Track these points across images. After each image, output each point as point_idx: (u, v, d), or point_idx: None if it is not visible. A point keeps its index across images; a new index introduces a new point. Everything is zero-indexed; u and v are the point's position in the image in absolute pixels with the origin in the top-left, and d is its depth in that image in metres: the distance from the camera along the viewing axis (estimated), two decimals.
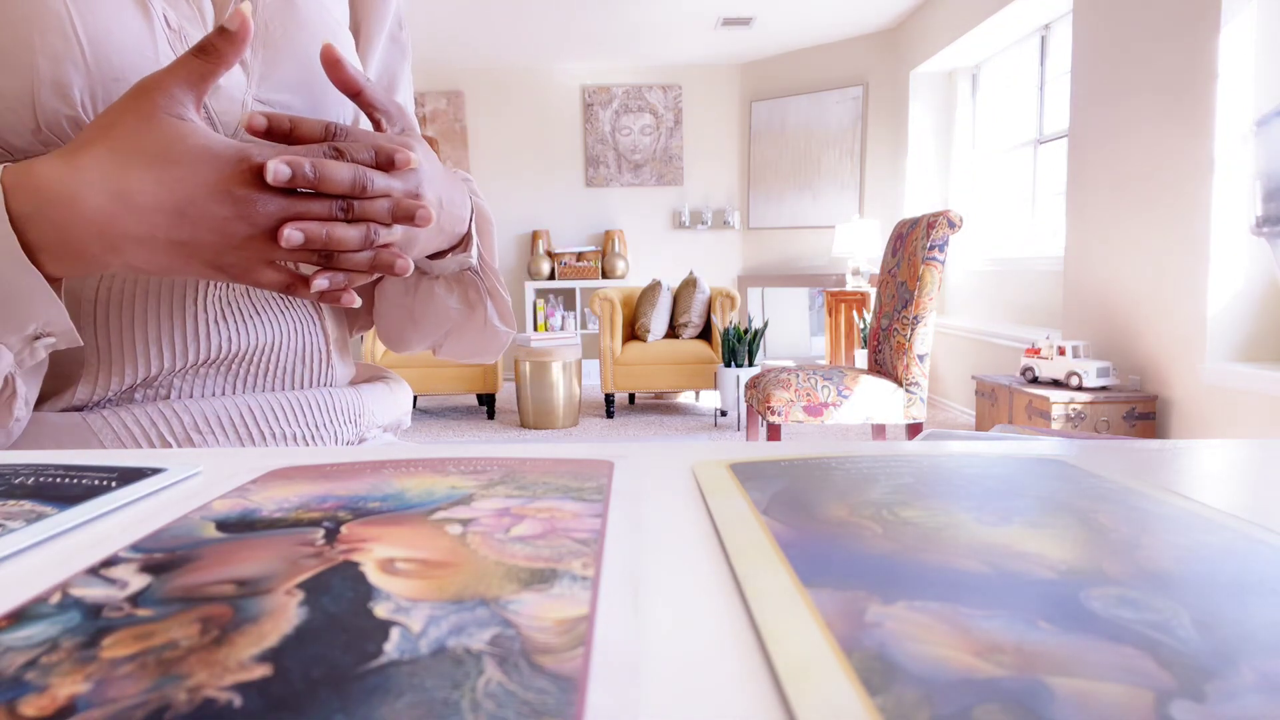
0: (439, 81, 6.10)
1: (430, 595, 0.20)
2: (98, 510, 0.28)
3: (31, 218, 0.42)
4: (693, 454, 0.36)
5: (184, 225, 0.43)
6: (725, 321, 4.66)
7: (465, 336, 0.68)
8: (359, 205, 0.45)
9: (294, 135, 0.46)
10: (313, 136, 0.46)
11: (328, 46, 0.48)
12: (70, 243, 0.42)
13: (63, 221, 0.42)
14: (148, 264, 0.44)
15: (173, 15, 0.52)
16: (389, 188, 0.47)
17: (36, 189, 0.42)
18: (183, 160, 0.42)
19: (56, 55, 0.47)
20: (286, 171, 0.42)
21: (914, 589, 0.20)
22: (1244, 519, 0.26)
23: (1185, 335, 2.72)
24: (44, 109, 0.48)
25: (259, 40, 0.56)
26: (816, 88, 5.76)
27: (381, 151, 0.47)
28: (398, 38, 0.71)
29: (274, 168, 0.42)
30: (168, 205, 0.42)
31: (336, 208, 0.45)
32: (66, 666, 0.17)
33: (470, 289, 0.64)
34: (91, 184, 0.42)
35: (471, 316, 0.66)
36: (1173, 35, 2.75)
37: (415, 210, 0.47)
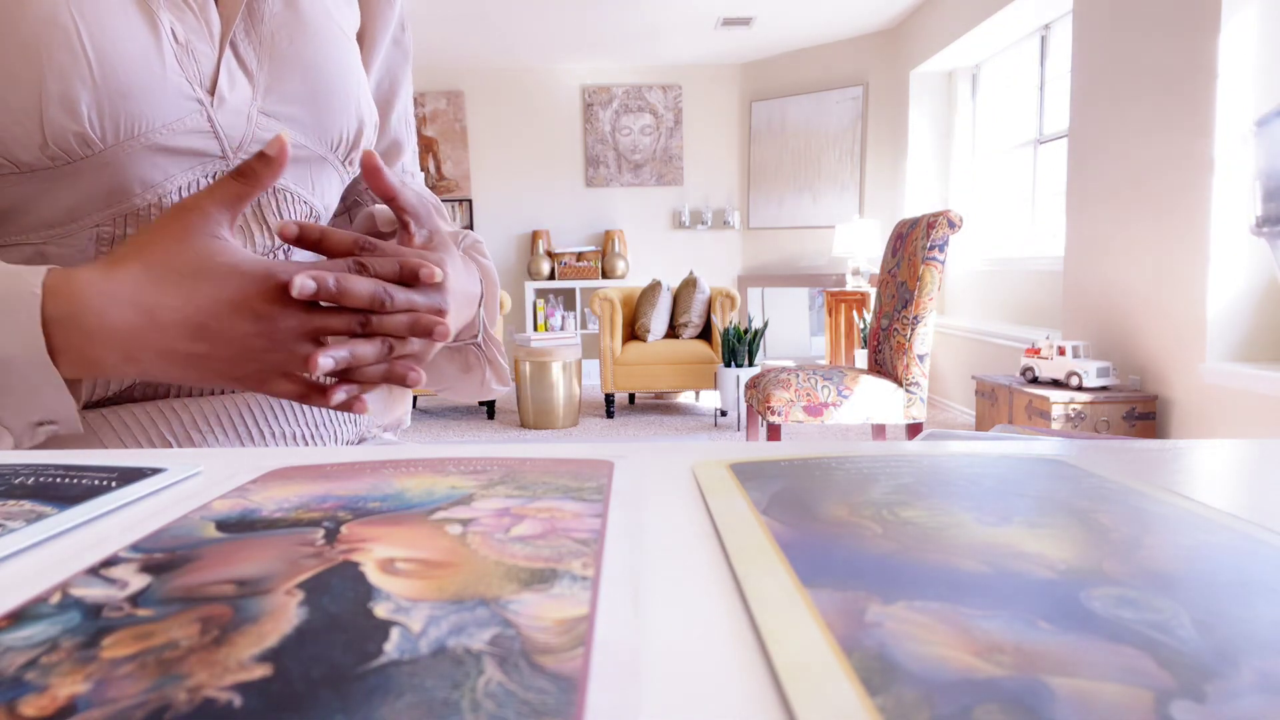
0: (439, 81, 6.10)
1: (430, 595, 0.20)
2: (98, 510, 0.28)
3: (60, 322, 0.43)
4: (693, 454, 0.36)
5: (203, 339, 0.44)
6: (725, 321, 4.66)
7: (460, 392, 0.70)
8: (377, 320, 0.47)
9: (323, 245, 0.48)
10: (342, 248, 0.48)
11: (369, 154, 0.49)
12: (91, 350, 0.44)
13: (90, 330, 0.43)
14: (163, 375, 0.46)
15: (180, 29, 0.52)
16: (410, 302, 0.48)
17: (72, 295, 0.43)
18: (211, 277, 0.44)
19: (64, 71, 0.47)
20: (311, 286, 0.43)
21: (914, 589, 0.20)
22: (1244, 519, 0.26)
23: (1185, 335, 2.72)
24: (51, 124, 0.48)
25: (265, 52, 0.56)
26: (816, 88, 5.76)
27: (406, 266, 0.48)
28: (400, 40, 0.71)
29: (300, 282, 0.43)
30: (191, 320, 0.44)
31: (355, 323, 0.46)
32: (66, 666, 0.17)
33: (470, 356, 0.66)
34: (121, 299, 0.43)
35: (468, 379, 0.67)
36: (1173, 35, 2.75)
37: (434, 327, 0.48)
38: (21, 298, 0.43)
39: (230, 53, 0.55)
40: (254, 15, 0.56)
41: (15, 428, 0.45)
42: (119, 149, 0.50)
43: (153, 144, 0.51)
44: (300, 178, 0.60)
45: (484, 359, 0.66)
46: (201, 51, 0.53)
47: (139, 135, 0.51)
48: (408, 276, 0.48)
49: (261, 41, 0.56)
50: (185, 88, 0.52)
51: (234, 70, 0.55)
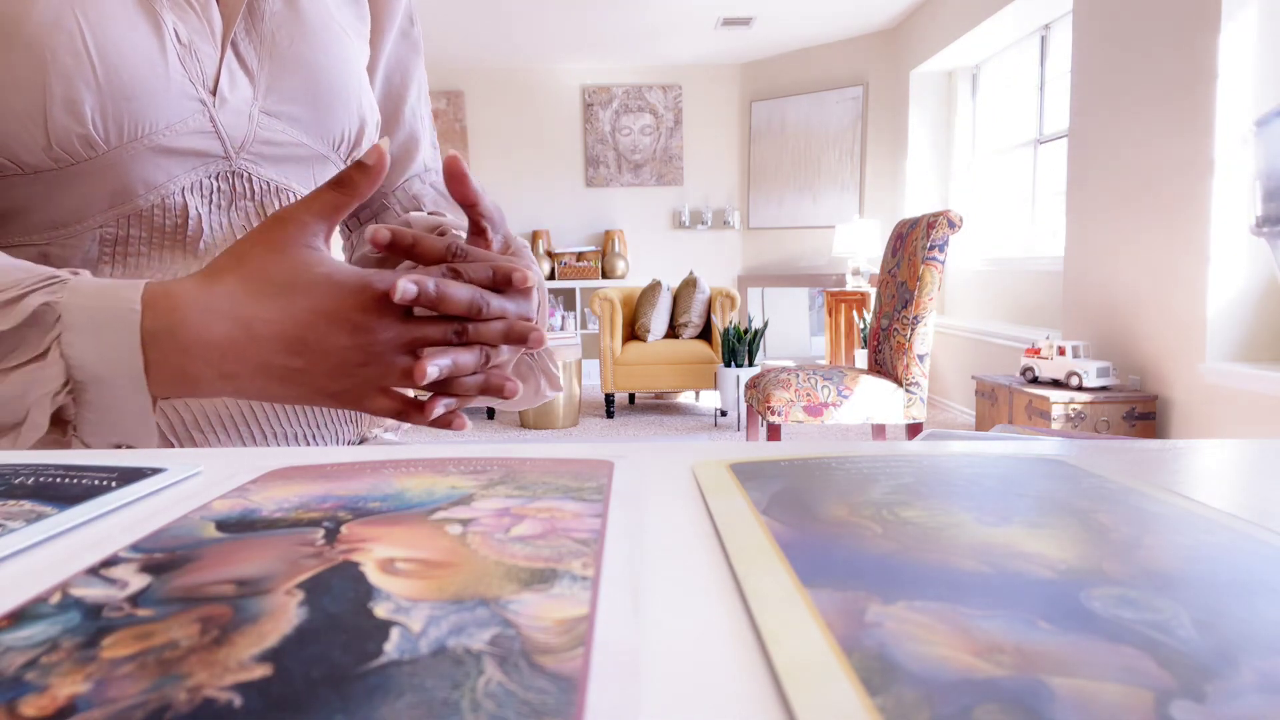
0: (439, 81, 6.10)
1: (430, 595, 0.20)
2: (98, 510, 0.28)
3: (160, 336, 0.42)
4: (693, 454, 0.36)
5: (301, 354, 0.43)
6: (725, 321, 4.66)
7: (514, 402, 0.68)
8: (474, 329, 0.45)
9: (415, 252, 0.46)
10: (434, 255, 0.46)
11: (454, 158, 0.48)
12: (188, 366, 0.43)
13: (187, 344, 0.42)
14: (259, 391, 0.44)
15: (183, 30, 0.52)
16: (503, 309, 0.46)
17: (172, 308, 0.42)
18: (308, 290, 0.43)
19: (68, 73, 0.48)
20: (413, 290, 0.42)
21: (914, 589, 0.20)
22: (1244, 519, 0.26)
23: (1185, 335, 2.72)
24: (55, 126, 0.48)
25: (266, 52, 0.56)
26: (816, 88, 5.76)
27: (499, 271, 0.46)
28: (409, 33, 0.71)
29: (402, 286, 0.41)
30: (289, 334, 0.43)
31: (451, 332, 0.45)
32: (66, 666, 0.17)
33: (523, 366, 0.64)
34: (219, 311, 0.43)
35: (524, 389, 0.65)
36: (1173, 35, 2.75)
37: (528, 333, 0.46)
38: (120, 314, 0.42)
39: (231, 52, 0.55)
40: (254, 15, 0.56)
41: (93, 444, 0.44)
42: (122, 150, 0.50)
43: (156, 145, 0.51)
44: (302, 177, 0.60)
45: (537, 368, 0.64)
46: (204, 52, 0.53)
47: (142, 136, 0.51)
48: (500, 282, 0.46)
49: (262, 41, 0.56)
50: (188, 88, 0.52)
51: (235, 70, 0.55)
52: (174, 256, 0.54)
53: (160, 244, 0.54)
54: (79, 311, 0.42)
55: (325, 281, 0.43)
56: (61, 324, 0.41)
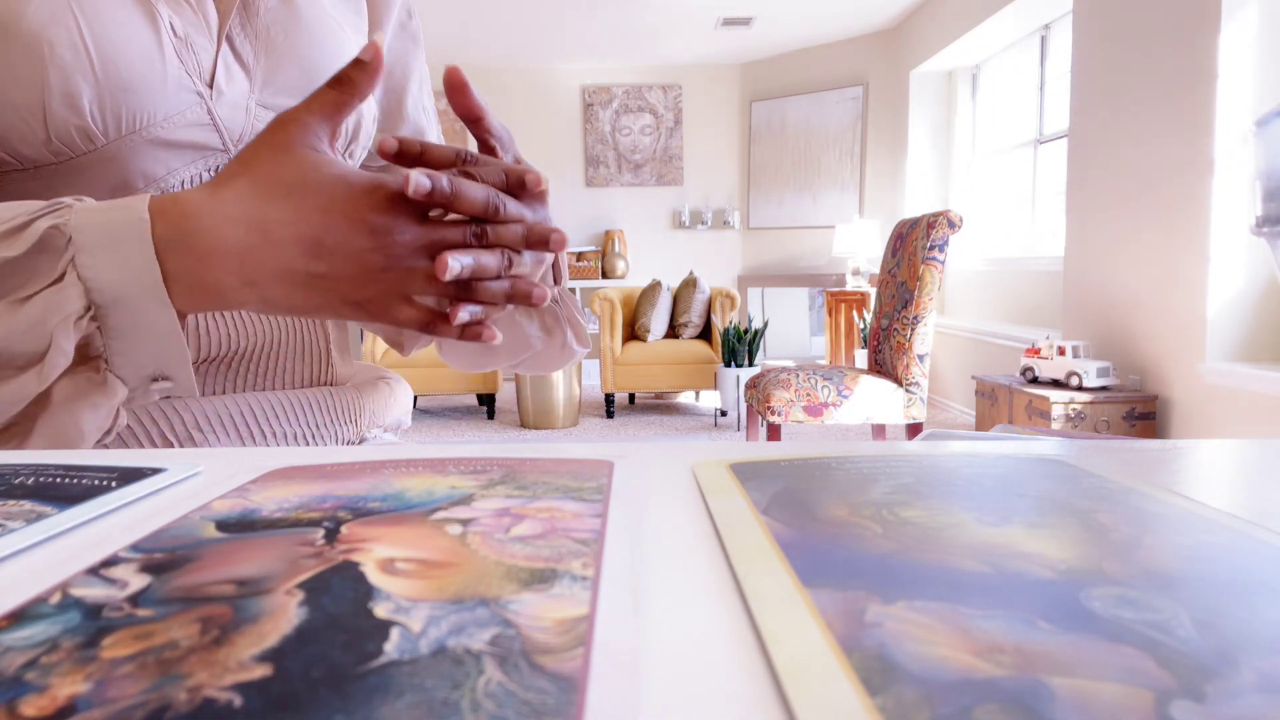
0: (439, 81, 6.09)
1: (430, 595, 0.20)
2: (98, 510, 0.28)
3: (173, 244, 0.41)
4: (693, 454, 0.36)
5: (321, 257, 0.42)
6: (725, 321, 4.66)
7: (540, 359, 0.67)
8: (493, 231, 0.44)
9: (424, 159, 0.45)
10: (443, 161, 0.45)
11: (453, 69, 0.47)
12: (208, 274, 0.42)
13: (204, 251, 0.41)
14: (284, 299, 0.43)
15: (178, 23, 0.53)
16: (520, 213, 0.45)
17: (183, 215, 0.42)
18: (319, 191, 0.42)
19: (66, 67, 0.48)
20: (427, 184, 0.41)
21: (914, 589, 0.20)
22: (1244, 519, 0.26)
23: (1185, 335, 2.72)
24: (54, 119, 0.48)
25: (261, 45, 0.56)
26: (816, 88, 5.76)
27: (512, 174, 0.45)
28: (407, 26, 0.71)
29: (415, 179, 0.40)
30: (306, 236, 0.42)
31: (470, 234, 0.44)
32: (66, 666, 0.17)
33: (549, 316, 0.63)
34: (232, 216, 0.42)
35: (550, 342, 0.64)
36: (1173, 35, 2.75)
37: (549, 235, 0.45)
38: (129, 224, 0.41)
39: (227, 46, 0.55)
40: (249, 9, 0.56)
41: (129, 378, 0.43)
42: (121, 143, 0.50)
43: (154, 137, 0.51)
44: None
45: (563, 318, 0.63)
46: (200, 45, 0.54)
47: (140, 129, 0.51)
48: (514, 185, 0.45)
49: (257, 35, 0.56)
50: (185, 81, 0.52)
51: (230, 64, 0.55)
52: None
53: None
54: (89, 230, 0.41)
55: (337, 181, 0.42)
56: (74, 245, 0.41)
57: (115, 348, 0.42)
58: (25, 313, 0.41)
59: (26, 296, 0.41)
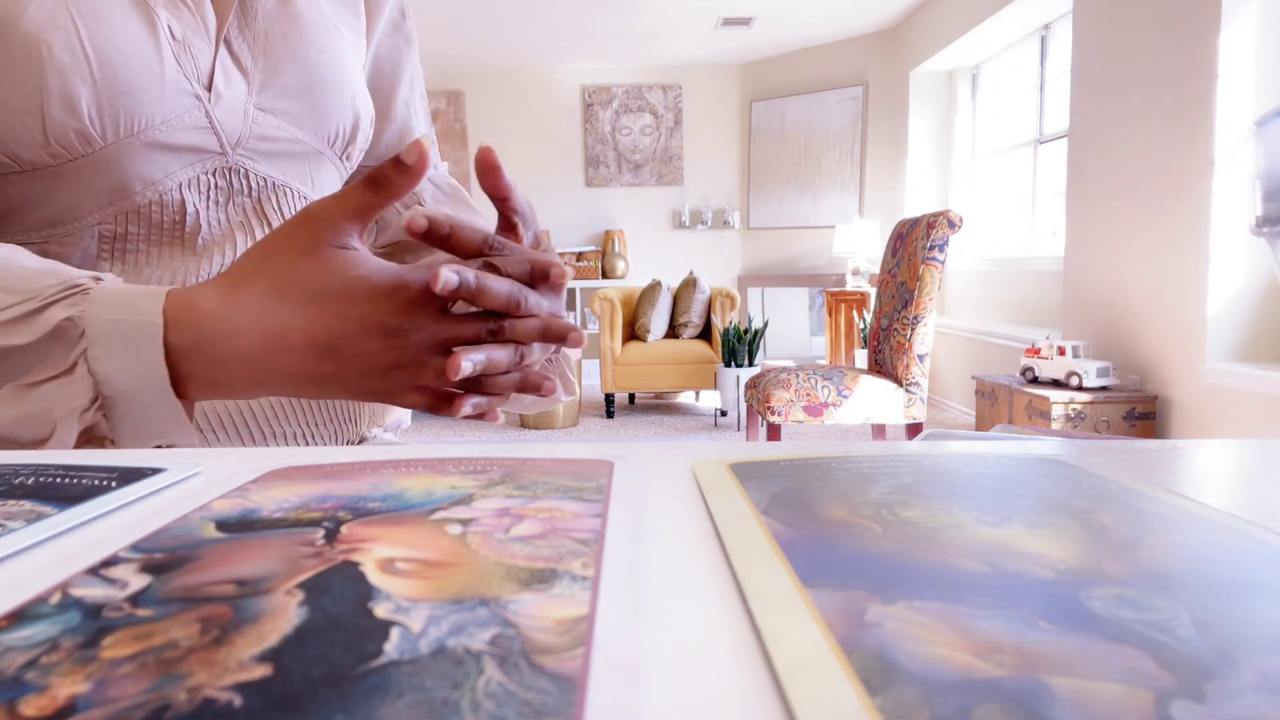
0: (439, 81, 6.10)
1: (430, 595, 0.20)
2: (98, 510, 0.28)
3: (186, 351, 0.42)
4: (693, 454, 0.36)
5: (332, 361, 0.42)
6: (725, 321, 4.66)
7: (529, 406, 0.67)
8: (510, 326, 0.44)
9: (451, 242, 0.44)
10: (471, 246, 0.44)
11: (487, 150, 0.46)
12: (220, 377, 0.43)
13: (217, 358, 0.42)
14: (293, 392, 0.44)
15: (177, 26, 0.53)
16: (538, 306, 0.45)
17: (197, 323, 0.42)
18: (340, 297, 0.42)
19: (64, 69, 0.48)
20: (455, 280, 0.40)
21: (914, 589, 0.20)
22: (1244, 519, 0.26)
23: (1185, 335, 2.72)
24: (52, 122, 0.48)
25: (259, 48, 0.56)
26: (816, 88, 5.76)
27: (537, 266, 0.45)
28: (400, 26, 0.71)
29: (445, 277, 0.40)
30: (321, 343, 0.42)
31: (485, 330, 0.43)
32: (66, 666, 0.17)
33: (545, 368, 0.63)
34: (248, 325, 0.42)
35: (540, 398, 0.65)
36: (1173, 35, 2.75)
37: (567, 333, 0.45)
38: (142, 328, 0.41)
39: (224, 49, 0.55)
40: (247, 12, 0.56)
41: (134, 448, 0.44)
42: (119, 146, 0.50)
43: (152, 140, 0.51)
44: (299, 173, 0.60)
45: (555, 372, 0.63)
46: (199, 48, 0.54)
47: (139, 132, 0.51)
48: (537, 277, 0.45)
49: (255, 38, 0.56)
50: (184, 84, 0.52)
51: (229, 67, 0.55)
52: (173, 253, 0.54)
53: (159, 240, 0.54)
54: (104, 325, 0.41)
55: (359, 286, 0.42)
56: (86, 339, 0.41)
57: (121, 430, 0.43)
58: (32, 400, 0.41)
59: (34, 383, 0.41)
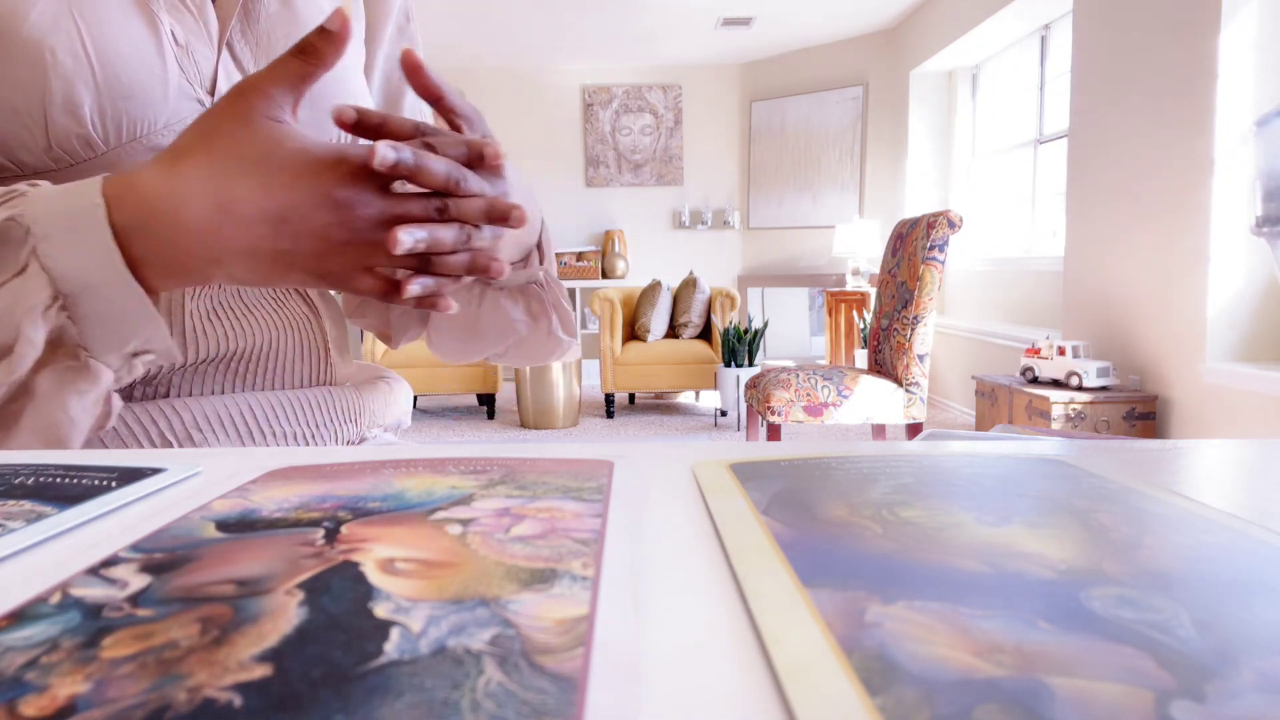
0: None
1: (430, 595, 0.20)
2: (98, 510, 0.28)
3: (135, 230, 0.41)
4: (693, 454, 0.36)
5: (286, 234, 0.42)
6: (725, 321, 4.66)
7: (527, 347, 0.66)
8: (454, 204, 0.44)
9: (384, 130, 0.45)
10: (402, 133, 0.45)
11: (409, 51, 0.46)
12: (174, 255, 0.42)
13: (168, 234, 0.41)
14: (250, 275, 0.44)
15: (179, 31, 0.53)
16: (480, 188, 0.45)
17: (141, 200, 0.41)
18: (283, 166, 0.42)
19: (67, 74, 0.48)
20: (392, 155, 0.40)
21: (914, 589, 0.20)
22: (1244, 519, 0.26)
23: (1185, 335, 2.72)
24: (55, 127, 0.48)
25: (262, 52, 0.56)
26: (816, 88, 5.76)
27: (472, 147, 0.45)
28: (405, 29, 0.71)
29: (381, 151, 0.40)
30: (271, 214, 0.41)
31: (433, 208, 0.44)
32: (66, 666, 0.17)
33: (535, 301, 0.63)
34: (194, 194, 0.41)
35: (535, 328, 0.64)
36: (1173, 35, 2.75)
37: (509, 211, 0.45)
38: (85, 212, 0.40)
39: (227, 53, 0.55)
40: (250, 16, 0.56)
41: (110, 360, 0.43)
42: (121, 150, 0.50)
43: (155, 145, 0.51)
44: None
45: (549, 303, 0.63)
46: (201, 53, 0.54)
47: (141, 136, 0.51)
48: (473, 159, 0.45)
49: (258, 42, 0.56)
50: (186, 89, 0.52)
51: (232, 71, 0.55)
52: None
53: None
54: (47, 219, 0.40)
55: (301, 157, 0.42)
56: (33, 236, 0.40)
57: (90, 333, 0.42)
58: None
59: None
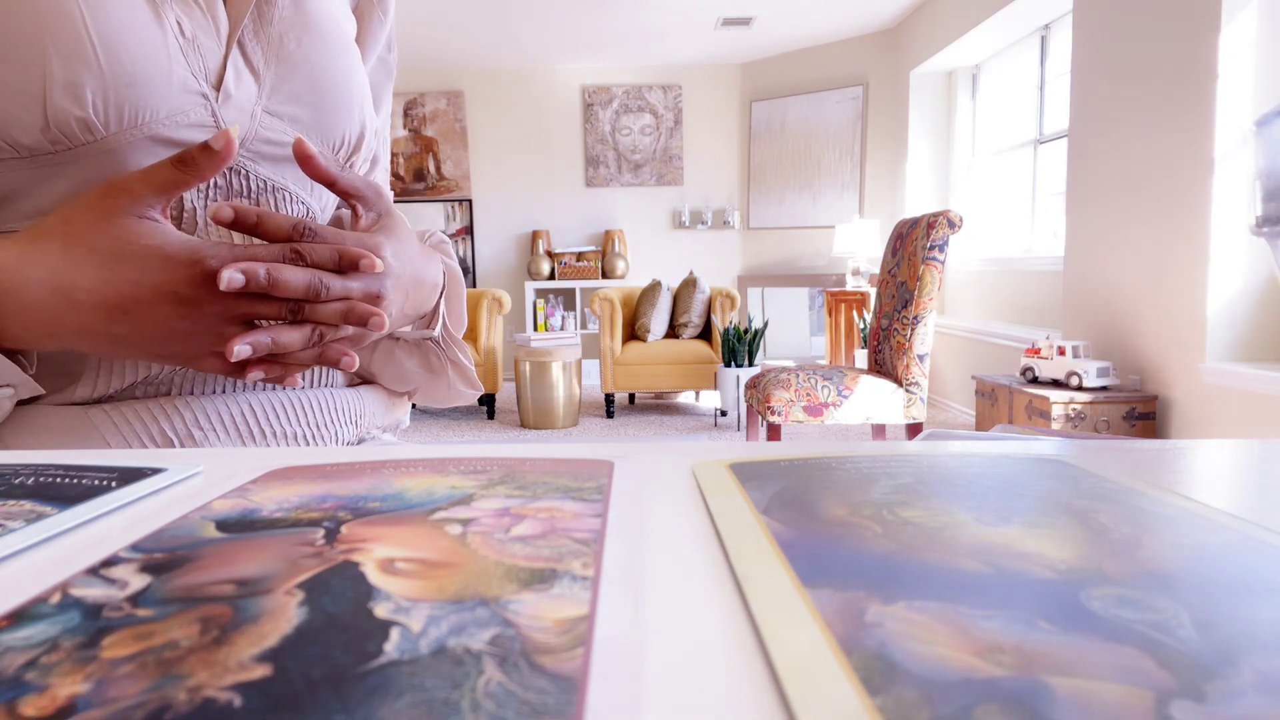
0: (439, 81, 6.10)
1: (430, 595, 0.20)
2: (98, 510, 0.28)
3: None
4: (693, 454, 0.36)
5: (124, 322, 0.44)
6: (725, 321, 4.66)
7: (429, 394, 0.69)
8: (310, 309, 0.46)
9: (260, 229, 0.46)
10: (279, 233, 0.47)
11: (299, 141, 0.48)
12: (11, 329, 0.44)
13: (8, 309, 0.44)
14: (89, 349, 0.46)
15: (186, 24, 0.53)
16: (345, 290, 0.47)
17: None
18: (133, 260, 0.43)
19: (69, 56, 0.48)
20: (240, 279, 0.42)
21: (914, 589, 0.20)
22: (1244, 519, 0.26)
23: (1185, 335, 2.72)
24: (54, 108, 0.48)
25: (273, 52, 0.57)
26: (816, 88, 5.76)
27: (346, 256, 0.47)
28: (385, 60, 0.73)
29: (228, 276, 0.42)
30: (110, 303, 0.43)
31: (286, 310, 0.45)
32: (66, 666, 0.17)
33: (432, 356, 0.65)
34: (37, 279, 0.43)
35: (434, 381, 0.67)
36: (1173, 35, 2.75)
37: (369, 317, 0.47)
38: None
39: (238, 51, 0.55)
40: (263, 17, 0.57)
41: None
42: (121, 137, 0.50)
43: (155, 134, 0.51)
44: (299, 177, 0.60)
45: (445, 358, 0.65)
46: (207, 47, 0.54)
47: (142, 124, 0.51)
48: (347, 266, 0.47)
49: (270, 42, 0.57)
50: (190, 82, 0.52)
51: (241, 68, 0.55)
52: None
53: None
54: None
55: (154, 253, 0.43)
56: None
57: None
58: None
59: None
